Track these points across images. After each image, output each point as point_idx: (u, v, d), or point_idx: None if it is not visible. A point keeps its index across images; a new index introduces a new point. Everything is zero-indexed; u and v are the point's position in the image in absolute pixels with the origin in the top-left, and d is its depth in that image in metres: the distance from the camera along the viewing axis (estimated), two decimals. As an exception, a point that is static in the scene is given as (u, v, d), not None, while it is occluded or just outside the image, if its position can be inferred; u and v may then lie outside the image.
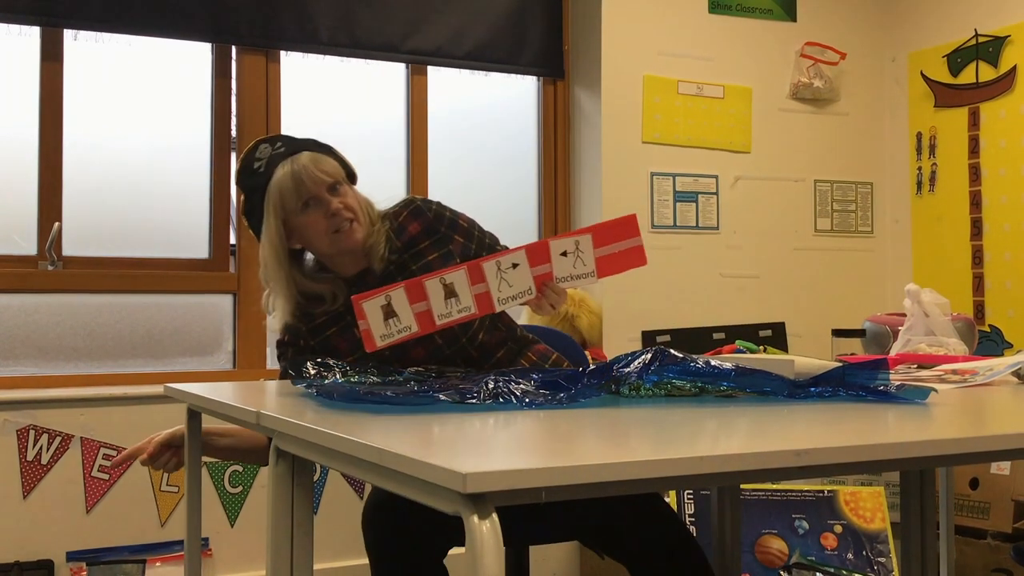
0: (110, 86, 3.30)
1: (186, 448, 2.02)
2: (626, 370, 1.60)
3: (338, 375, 1.72)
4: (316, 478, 3.20)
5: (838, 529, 3.32)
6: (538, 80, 3.92)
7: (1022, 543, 3.11)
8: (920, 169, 4.12)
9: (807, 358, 1.73)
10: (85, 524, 3.00)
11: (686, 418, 1.44)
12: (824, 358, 2.01)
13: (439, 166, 3.72)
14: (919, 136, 4.12)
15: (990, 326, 3.81)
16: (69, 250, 3.19)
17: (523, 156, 3.93)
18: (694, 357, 1.63)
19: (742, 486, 2.85)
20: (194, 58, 3.40)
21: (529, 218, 3.93)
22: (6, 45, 3.15)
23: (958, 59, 3.95)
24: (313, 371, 1.72)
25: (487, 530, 0.98)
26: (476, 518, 0.98)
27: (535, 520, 2.04)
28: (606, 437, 1.30)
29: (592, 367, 1.64)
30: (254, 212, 2.04)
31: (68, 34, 3.21)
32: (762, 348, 3.80)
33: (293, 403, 1.62)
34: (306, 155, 2.01)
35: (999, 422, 1.57)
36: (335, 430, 1.26)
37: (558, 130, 3.93)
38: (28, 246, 3.16)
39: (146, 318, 3.31)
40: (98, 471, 3.02)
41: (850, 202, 4.22)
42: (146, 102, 3.35)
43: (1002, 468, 3.29)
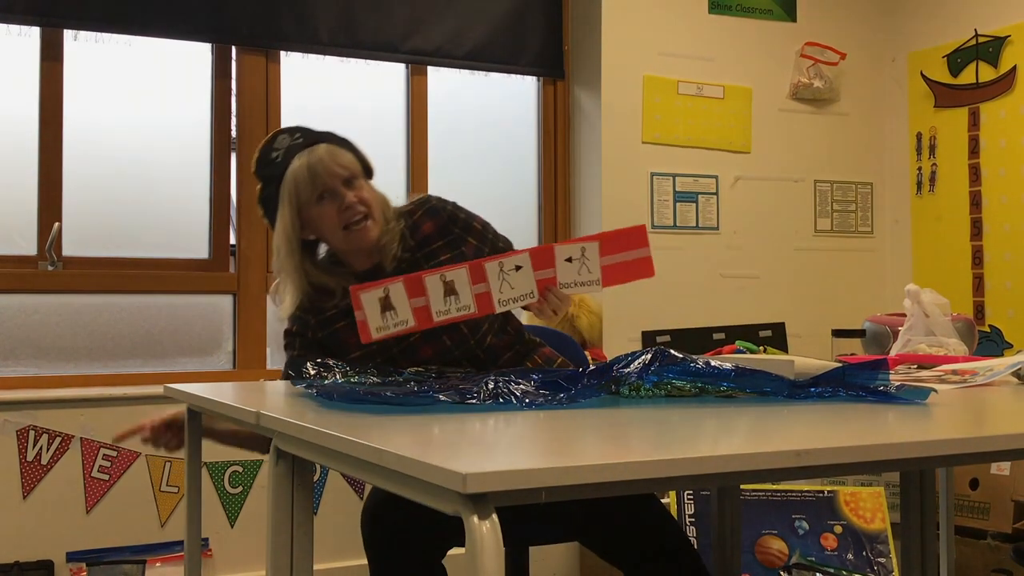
0: (110, 86, 3.30)
1: (186, 448, 2.02)
2: (626, 370, 1.60)
3: (338, 375, 1.72)
4: (316, 478, 3.20)
5: (838, 529, 3.32)
6: (538, 80, 3.92)
7: (1022, 543, 3.11)
8: (920, 169, 4.12)
9: (807, 358, 1.73)
10: (85, 524, 3.00)
11: (686, 418, 1.44)
12: (824, 358, 2.01)
13: (439, 166, 3.72)
14: (919, 136, 4.12)
15: (990, 326, 3.81)
16: (69, 250, 3.19)
17: (523, 156, 3.93)
18: (694, 357, 1.63)
19: (742, 486, 2.85)
20: (194, 58, 3.40)
21: (529, 218, 3.93)
22: (6, 45, 3.15)
23: (958, 59, 3.95)
24: (313, 371, 1.72)
25: (487, 530, 0.98)
26: (476, 518, 0.98)
27: (535, 520, 2.04)
28: (606, 437, 1.30)
29: (592, 367, 1.64)
30: (269, 201, 2.04)
31: (68, 34, 3.21)
32: (762, 348, 3.80)
33: (293, 403, 1.62)
34: (323, 147, 2.01)
35: (999, 422, 1.57)
36: (335, 430, 1.26)
37: (558, 130, 3.93)
38: (28, 246, 3.16)
39: (146, 318, 3.31)
40: (98, 471, 3.02)
41: (850, 202, 4.22)
42: (146, 102, 3.34)
43: (1002, 468, 3.29)
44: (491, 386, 1.53)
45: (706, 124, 3.92)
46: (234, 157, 3.43)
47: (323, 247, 2.12)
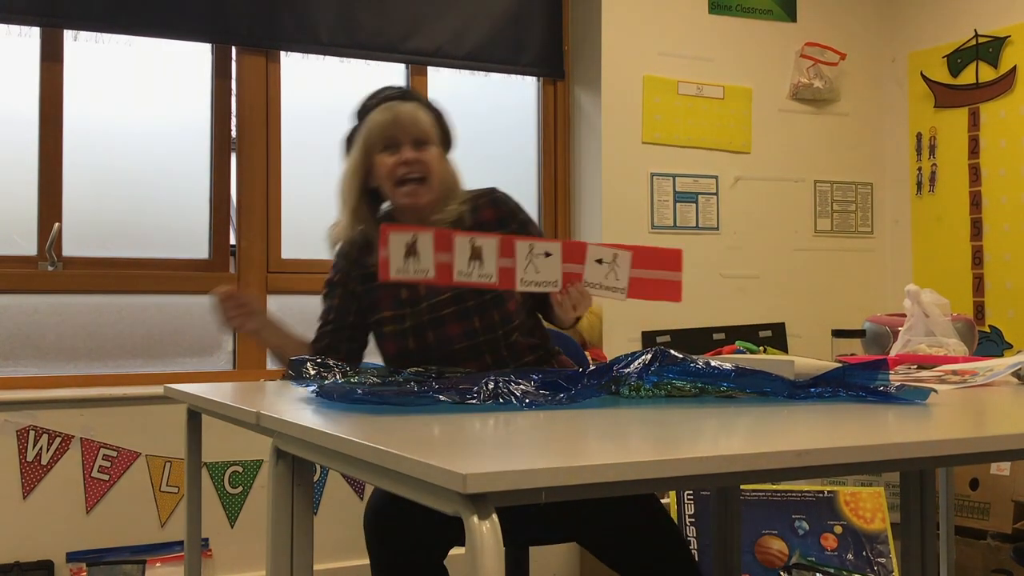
0: (110, 86, 3.29)
1: (186, 448, 2.02)
2: (626, 370, 1.60)
3: (338, 375, 1.72)
4: (316, 478, 3.20)
5: (838, 530, 3.32)
6: (538, 80, 3.92)
7: (1022, 543, 3.11)
8: (920, 169, 4.12)
9: (807, 358, 1.73)
10: (85, 524, 3.00)
11: (686, 418, 1.44)
12: (824, 358, 2.01)
13: (439, 166, 3.72)
14: (919, 136, 4.12)
15: (990, 327, 3.81)
16: (69, 250, 3.19)
17: (523, 156, 3.92)
18: (694, 358, 1.63)
19: (742, 486, 2.85)
20: (194, 58, 3.40)
21: (529, 218, 3.92)
22: (6, 45, 3.15)
23: (958, 59, 3.95)
24: (313, 371, 1.72)
25: (487, 530, 0.98)
26: (476, 518, 0.98)
27: (535, 521, 2.04)
28: (606, 437, 1.30)
29: (592, 367, 1.64)
30: (349, 140, 2.16)
31: (68, 34, 3.21)
32: (762, 348, 3.80)
33: (293, 404, 1.62)
34: (410, 105, 2.12)
35: (999, 422, 1.57)
36: (335, 430, 1.26)
37: (558, 130, 3.93)
38: (28, 246, 3.16)
39: (146, 318, 3.31)
40: (98, 471, 3.02)
41: (850, 202, 4.22)
42: (146, 102, 3.34)
43: (1002, 469, 3.29)
44: (491, 386, 1.53)
45: (706, 124, 3.92)
46: (234, 157, 3.43)
47: (385, 205, 2.17)
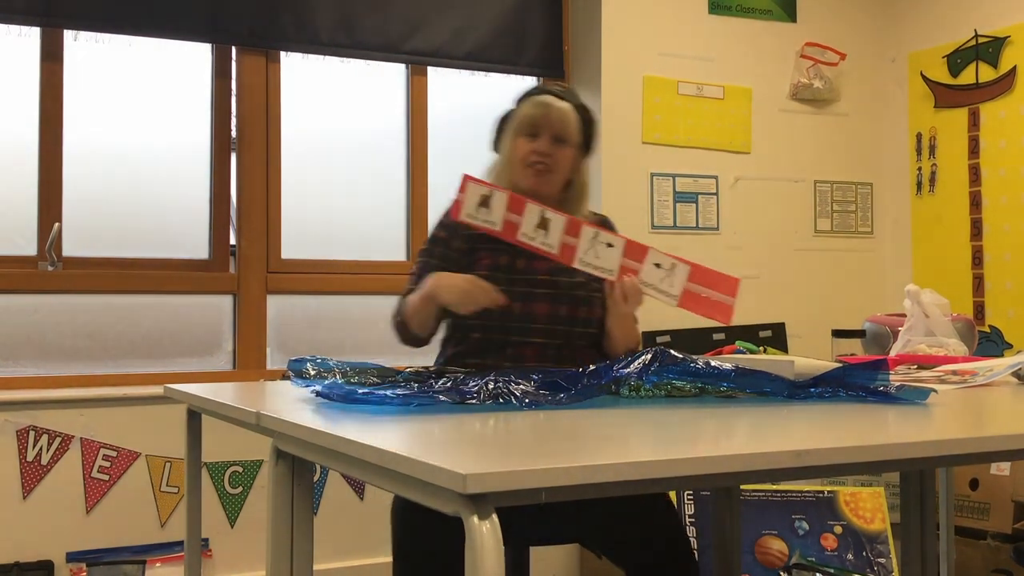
0: (110, 86, 3.30)
1: (186, 448, 2.02)
2: (626, 370, 1.60)
3: (338, 376, 1.72)
4: (316, 478, 3.20)
5: (838, 530, 3.32)
6: (538, 80, 3.92)
7: (1022, 543, 3.11)
8: (920, 169, 4.12)
9: (807, 359, 1.73)
10: (85, 524, 3.00)
11: (686, 418, 1.44)
12: (824, 358, 2.01)
13: (439, 166, 3.72)
14: (919, 136, 4.12)
15: (990, 327, 3.81)
16: (69, 250, 3.19)
17: (523, 156, 3.92)
18: (694, 358, 1.63)
19: (742, 486, 2.85)
20: (194, 58, 3.40)
21: (529, 218, 3.92)
22: (6, 45, 3.15)
23: (958, 60, 3.95)
24: (313, 372, 1.72)
25: (487, 530, 0.98)
26: (476, 518, 0.98)
27: (537, 522, 2.04)
28: (606, 437, 1.30)
29: (592, 367, 1.64)
30: (502, 121, 2.29)
31: (68, 34, 3.21)
32: (762, 348, 3.80)
33: (293, 404, 1.62)
34: (566, 105, 2.22)
35: (999, 422, 1.57)
36: (335, 430, 1.26)
37: (558, 130, 3.92)
38: (28, 246, 3.16)
39: (146, 318, 3.31)
40: (98, 471, 3.02)
41: (850, 202, 4.22)
42: (146, 102, 3.34)
43: (1002, 469, 3.29)
44: (491, 386, 1.53)
45: (706, 124, 3.92)
46: (234, 157, 3.43)
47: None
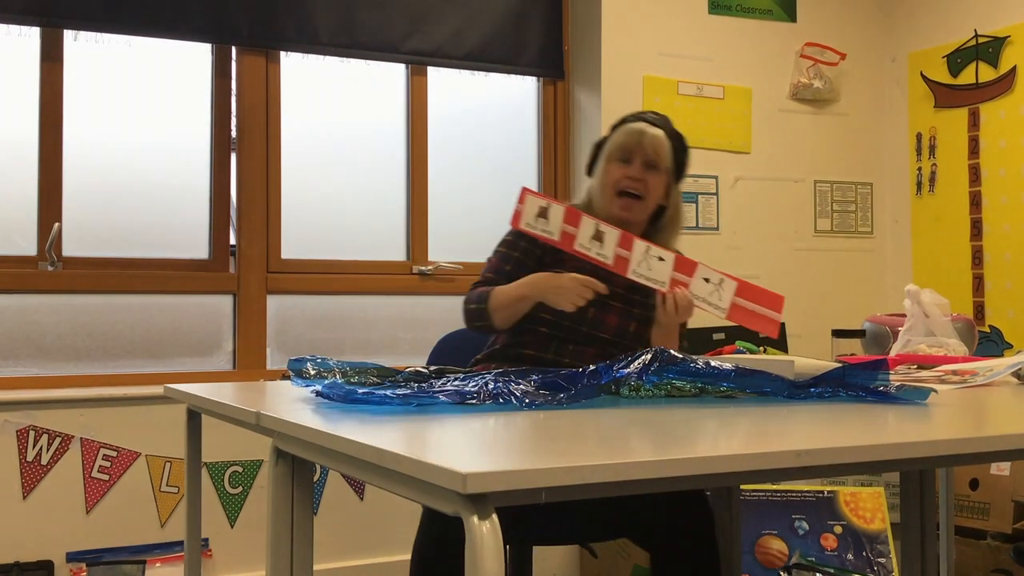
0: (110, 86, 3.29)
1: (186, 448, 2.02)
2: (626, 370, 1.60)
3: (338, 376, 1.72)
4: (316, 478, 3.20)
5: (838, 530, 3.32)
6: (538, 80, 3.92)
7: (1022, 543, 3.11)
8: (920, 169, 4.12)
9: (807, 358, 1.73)
10: (85, 524, 3.00)
11: (686, 418, 1.44)
12: (824, 358, 2.01)
13: (439, 166, 3.72)
14: (919, 136, 4.12)
15: (990, 327, 3.81)
16: (69, 250, 3.19)
17: (523, 157, 3.92)
18: (694, 358, 1.63)
19: (742, 486, 2.85)
20: (194, 58, 3.40)
21: (529, 218, 3.92)
22: (6, 45, 3.15)
23: (958, 59, 3.95)
24: (313, 372, 1.72)
25: (487, 530, 0.97)
26: (476, 518, 0.98)
27: (551, 517, 2.05)
28: (606, 437, 1.30)
29: (592, 367, 1.64)
30: (597, 147, 2.34)
31: (68, 34, 3.21)
32: (762, 349, 3.79)
33: (293, 403, 1.61)
34: (661, 132, 2.26)
35: (999, 422, 1.57)
36: (335, 430, 1.26)
37: (558, 131, 3.93)
38: (28, 246, 3.16)
39: (146, 318, 3.31)
40: (98, 471, 3.02)
41: (850, 202, 4.22)
42: (146, 102, 3.34)
43: (1002, 469, 3.29)
44: (491, 386, 1.53)
45: (706, 124, 3.92)
46: (234, 157, 3.43)
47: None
